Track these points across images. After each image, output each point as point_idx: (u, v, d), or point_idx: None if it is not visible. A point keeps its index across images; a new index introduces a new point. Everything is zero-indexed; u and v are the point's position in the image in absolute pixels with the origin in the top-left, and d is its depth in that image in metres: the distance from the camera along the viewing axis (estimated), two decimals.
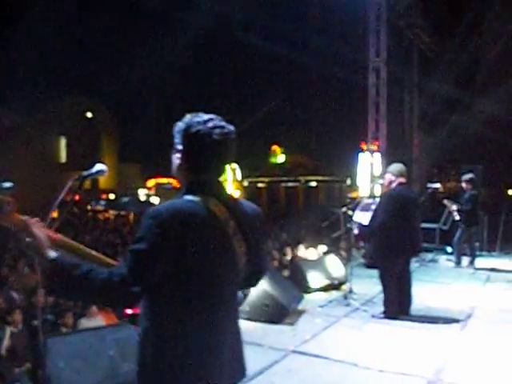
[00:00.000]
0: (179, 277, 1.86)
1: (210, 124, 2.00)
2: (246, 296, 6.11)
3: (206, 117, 2.03)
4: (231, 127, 2.06)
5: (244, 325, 2.12)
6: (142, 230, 1.86)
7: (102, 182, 35.81)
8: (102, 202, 33.12)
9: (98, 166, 2.26)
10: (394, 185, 6.60)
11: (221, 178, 2.09)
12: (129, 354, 4.08)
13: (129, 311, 4.75)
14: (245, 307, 6.12)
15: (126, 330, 4.42)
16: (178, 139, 2.04)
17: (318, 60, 14.35)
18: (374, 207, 7.10)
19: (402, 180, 6.58)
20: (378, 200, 7.25)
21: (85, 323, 6.92)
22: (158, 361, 1.89)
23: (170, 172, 2.12)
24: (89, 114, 38.70)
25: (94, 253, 2.22)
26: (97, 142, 39.35)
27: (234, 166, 14.11)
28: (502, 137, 13.95)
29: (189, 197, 1.97)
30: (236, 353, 2.08)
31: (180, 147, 2.03)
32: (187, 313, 1.89)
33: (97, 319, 6.96)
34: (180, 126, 2.04)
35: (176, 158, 2.06)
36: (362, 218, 7.13)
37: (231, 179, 13.48)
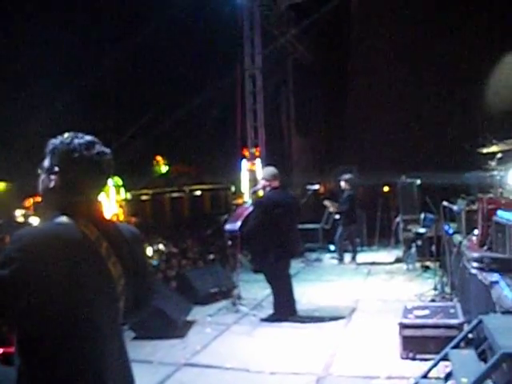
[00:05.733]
0: (47, 306, 1.69)
1: (87, 145, 1.91)
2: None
3: (76, 136, 1.93)
4: (107, 149, 1.99)
5: (132, 343, 1.98)
6: (2, 256, 1.70)
7: None
8: None
9: None
10: (267, 189, 6.68)
11: (97, 199, 1.99)
12: None
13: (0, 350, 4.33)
14: (132, 325, 5.90)
15: None
16: (52, 159, 1.92)
17: (195, 69, 14.32)
18: (246, 213, 7.14)
19: (276, 184, 6.65)
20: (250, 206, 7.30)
21: None
22: None
23: None
24: None
25: None
26: None
27: (119, 182, 13.64)
28: (375, 137, 14.77)
29: (59, 219, 1.84)
30: (124, 378, 1.94)
31: (56, 168, 1.90)
32: (62, 346, 1.73)
33: None
34: (56, 145, 1.92)
35: (48, 179, 1.92)
36: (234, 225, 7.14)
37: (114, 197, 13.02)
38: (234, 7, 12.46)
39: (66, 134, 1.95)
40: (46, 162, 1.93)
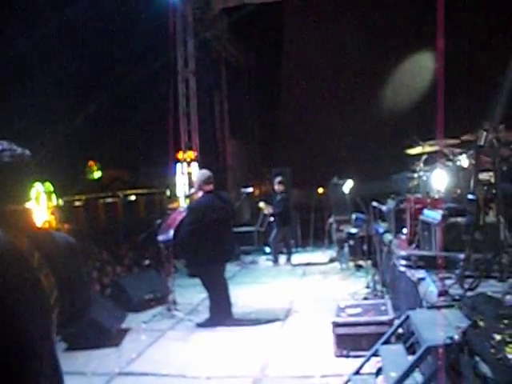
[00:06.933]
0: None
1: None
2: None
3: None
4: (24, 150, 1.90)
5: (64, 355, 1.92)
6: None
7: None
8: None
9: None
10: (200, 193, 6.65)
11: (26, 207, 1.91)
12: None
13: None
14: (63, 336, 5.72)
15: None
16: None
17: (127, 72, 14.05)
18: (179, 219, 7.08)
19: (208, 188, 6.61)
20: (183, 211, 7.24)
21: None
22: None
23: None
24: None
25: None
26: None
27: (50, 188, 13.17)
28: (308, 139, 15.04)
29: None
30: None
31: None
32: None
33: None
34: None
35: None
36: (166, 234, 7.07)
37: (45, 203, 12.57)
38: (166, 10, 12.35)
39: None
40: None
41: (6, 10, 12.63)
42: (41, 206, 12.42)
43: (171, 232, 7.00)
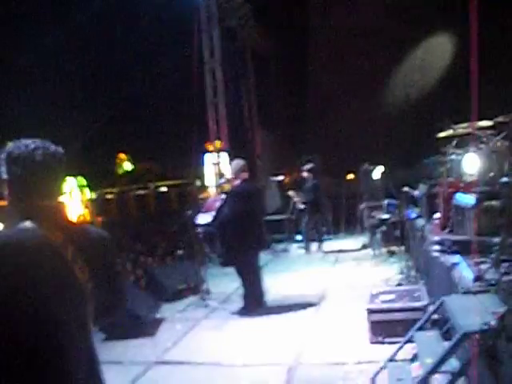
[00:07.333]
0: (10, 312, 1.68)
1: (32, 146, 1.90)
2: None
3: (27, 141, 1.93)
4: (57, 148, 1.97)
5: (102, 345, 1.97)
6: None
7: None
8: None
9: None
10: (237, 181, 6.72)
11: (59, 201, 1.98)
12: None
13: None
14: (102, 327, 5.84)
15: None
16: (1, 168, 1.92)
17: (154, 65, 14.16)
18: (217, 205, 7.18)
19: (245, 176, 6.72)
20: (221, 198, 7.34)
21: None
22: None
23: None
24: None
25: None
26: None
27: (83, 182, 13.44)
28: (337, 125, 14.92)
29: (23, 224, 1.83)
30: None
31: (5, 176, 1.91)
32: (32, 354, 1.70)
33: None
34: (6, 154, 1.92)
35: (6, 187, 1.93)
36: (206, 218, 7.17)
37: (79, 197, 12.83)
38: (189, 1, 12.35)
39: (11, 143, 1.94)
40: (1, 170, 1.93)
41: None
42: (74, 199, 12.69)
43: (210, 216, 7.08)
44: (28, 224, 1.83)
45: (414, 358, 3.91)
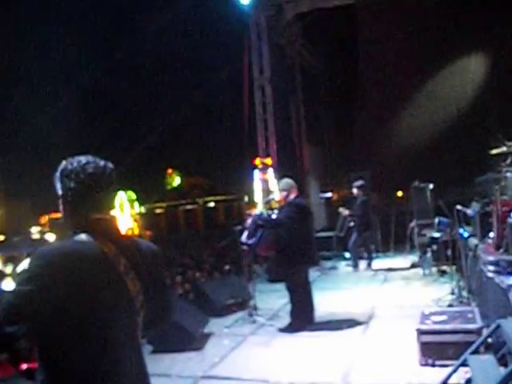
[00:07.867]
0: (67, 321, 1.75)
1: (83, 161, 1.98)
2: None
3: (79, 157, 2.01)
4: (107, 162, 2.04)
5: (150, 357, 2.01)
6: (26, 272, 1.77)
7: None
8: None
9: None
10: (291, 196, 6.75)
11: (112, 215, 2.05)
12: None
13: (24, 366, 4.39)
14: (150, 339, 5.92)
15: None
16: (57, 185, 2.01)
17: (203, 81, 14.42)
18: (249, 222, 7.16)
19: (296, 192, 6.78)
20: (268, 213, 7.33)
21: None
22: None
23: None
24: None
25: None
26: None
27: (132, 196, 13.74)
28: (386, 142, 14.77)
29: (78, 237, 1.90)
30: None
31: (59, 191, 2.00)
32: (82, 360, 1.77)
33: None
34: (56, 172, 2.01)
35: (62, 202, 2.01)
36: (252, 235, 7.17)
37: (128, 211, 13.11)
38: (240, 19, 12.56)
39: (64, 161, 2.02)
40: (57, 187, 2.02)
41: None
42: (124, 213, 12.96)
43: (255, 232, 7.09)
44: (84, 236, 1.89)
45: (468, 383, 3.79)
